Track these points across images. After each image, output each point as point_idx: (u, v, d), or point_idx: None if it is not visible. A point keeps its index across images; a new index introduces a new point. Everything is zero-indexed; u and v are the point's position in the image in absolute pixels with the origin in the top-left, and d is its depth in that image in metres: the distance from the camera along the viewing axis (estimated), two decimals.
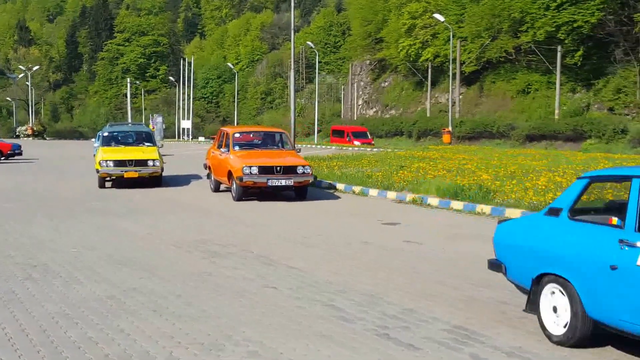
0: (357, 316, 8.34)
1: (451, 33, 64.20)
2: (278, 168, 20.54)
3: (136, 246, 13.11)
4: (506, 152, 40.87)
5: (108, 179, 24.79)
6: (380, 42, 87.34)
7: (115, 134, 27.51)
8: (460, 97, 71.50)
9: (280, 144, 23.26)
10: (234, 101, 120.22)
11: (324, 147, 62.85)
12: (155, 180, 25.17)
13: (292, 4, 40.86)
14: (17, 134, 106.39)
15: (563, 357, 6.94)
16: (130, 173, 24.40)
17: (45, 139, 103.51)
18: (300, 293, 9.46)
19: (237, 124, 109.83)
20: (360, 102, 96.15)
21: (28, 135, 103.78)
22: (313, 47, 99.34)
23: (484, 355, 6.96)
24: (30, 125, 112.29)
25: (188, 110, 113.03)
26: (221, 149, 22.60)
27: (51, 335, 7.61)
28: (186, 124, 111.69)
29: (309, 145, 60.81)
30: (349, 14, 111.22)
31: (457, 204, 18.55)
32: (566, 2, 58.55)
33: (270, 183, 20.34)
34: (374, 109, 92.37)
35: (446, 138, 60.75)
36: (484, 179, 20.98)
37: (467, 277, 10.48)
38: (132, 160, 24.59)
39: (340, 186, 23.62)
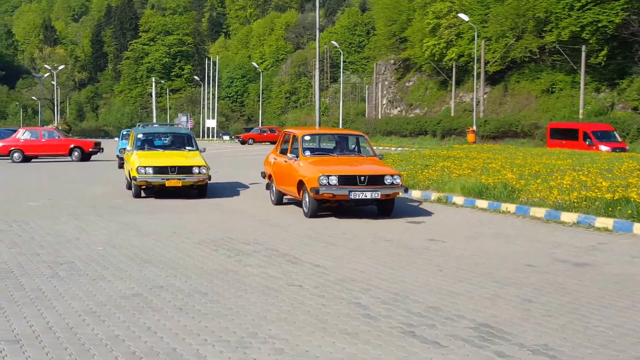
0: (383, 314, 8.35)
1: (476, 33, 64.11)
2: (362, 178, 16.91)
3: (162, 245, 13.17)
4: (530, 151, 40.64)
5: (144, 187, 21.28)
6: (404, 41, 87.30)
7: (151, 136, 23.93)
8: (485, 96, 71.40)
9: (356, 149, 19.63)
10: (259, 100, 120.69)
11: None
12: (200, 190, 21.59)
13: (317, 4, 41.00)
14: None
15: (588, 355, 6.92)
16: (173, 181, 20.78)
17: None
18: (326, 291, 9.48)
19: (262, 123, 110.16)
20: (384, 101, 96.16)
21: None
22: (337, 46, 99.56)
23: (509, 353, 6.95)
24: (56, 124, 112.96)
25: (213, 109, 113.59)
26: (287, 155, 19.00)
27: (78, 332, 7.64)
28: (211, 123, 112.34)
29: None
30: (373, 13, 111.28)
31: (482, 203, 18.54)
32: (590, 2, 58.41)
33: (352, 196, 16.64)
34: (398, 109, 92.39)
35: (471, 137, 60.62)
36: (508, 177, 20.90)
37: (492, 275, 10.47)
38: (174, 167, 21.04)
39: None
